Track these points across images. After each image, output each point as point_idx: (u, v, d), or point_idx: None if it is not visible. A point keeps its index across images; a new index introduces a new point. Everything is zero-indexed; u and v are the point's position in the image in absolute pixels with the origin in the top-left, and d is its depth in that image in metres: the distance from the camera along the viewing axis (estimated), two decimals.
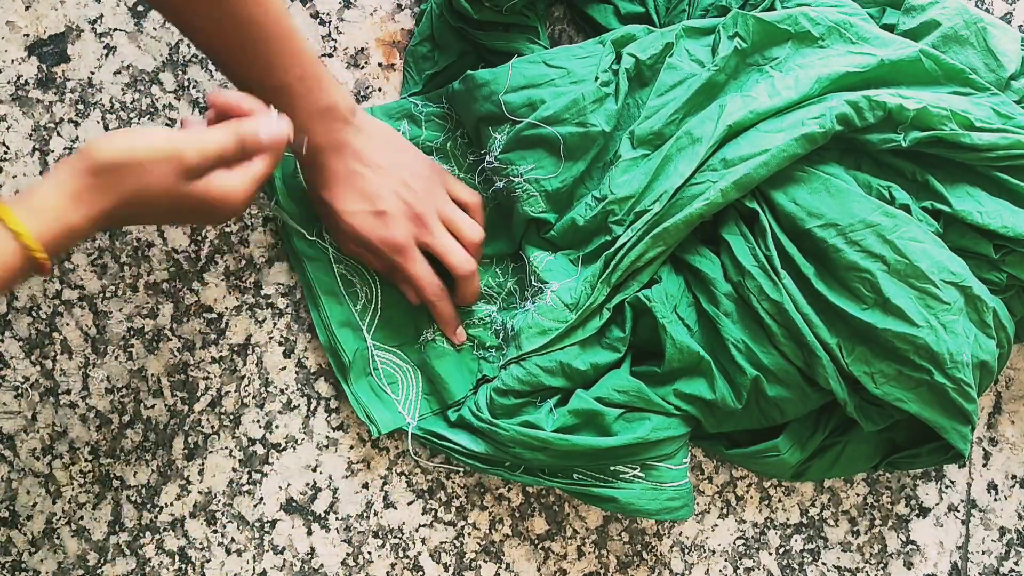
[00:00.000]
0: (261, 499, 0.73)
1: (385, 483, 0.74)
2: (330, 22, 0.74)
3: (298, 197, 0.71)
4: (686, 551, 0.75)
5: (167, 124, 0.73)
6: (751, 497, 0.75)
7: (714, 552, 0.75)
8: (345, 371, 0.71)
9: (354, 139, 0.65)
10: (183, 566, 0.73)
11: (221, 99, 0.58)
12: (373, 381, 0.71)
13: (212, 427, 0.73)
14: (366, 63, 0.75)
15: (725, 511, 0.75)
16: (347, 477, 0.73)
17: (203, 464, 0.73)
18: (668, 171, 0.66)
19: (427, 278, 0.68)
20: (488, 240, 0.72)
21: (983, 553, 0.77)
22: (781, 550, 0.76)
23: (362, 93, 0.74)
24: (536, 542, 0.74)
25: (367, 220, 0.67)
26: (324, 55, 0.74)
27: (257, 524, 0.73)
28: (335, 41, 0.74)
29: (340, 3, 0.74)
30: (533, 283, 0.69)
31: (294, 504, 0.73)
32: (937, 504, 0.77)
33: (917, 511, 0.77)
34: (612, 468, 0.67)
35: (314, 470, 0.73)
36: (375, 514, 0.74)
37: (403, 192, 0.67)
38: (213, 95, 0.59)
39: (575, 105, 0.67)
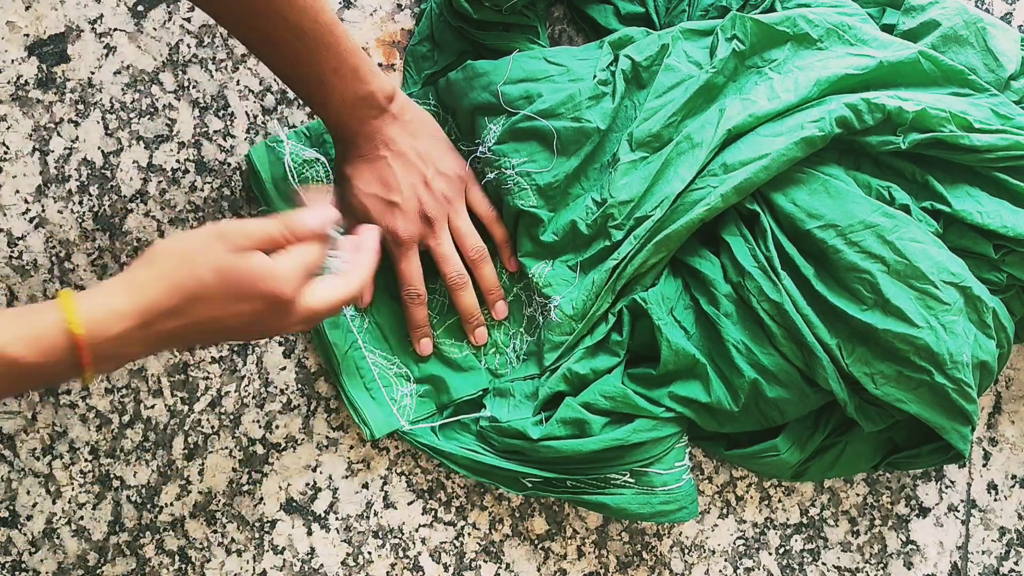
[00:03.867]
0: (261, 499, 0.73)
1: (385, 483, 0.74)
2: None
3: (289, 200, 0.71)
4: (686, 551, 0.75)
5: (167, 124, 0.73)
6: (751, 497, 0.75)
7: (714, 552, 0.75)
8: (338, 373, 0.71)
9: (388, 127, 0.66)
10: (183, 566, 0.73)
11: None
12: (367, 383, 0.71)
13: (212, 427, 0.73)
14: None
15: (725, 511, 0.75)
16: (347, 477, 0.73)
17: (203, 464, 0.73)
18: (668, 176, 0.66)
19: (411, 280, 0.69)
20: (485, 236, 0.72)
21: (983, 553, 0.77)
22: (781, 550, 0.76)
23: None
24: (536, 542, 0.74)
25: (377, 205, 0.67)
26: None
27: (257, 524, 0.73)
28: None
29: (340, 3, 0.74)
30: (537, 299, 0.70)
31: (294, 504, 0.73)
32: (937, 504, 0.77)
33: (917, 511, 0.77)
34: (603, 475, 0.67)
35: (314, 470, 0.73)
36: (375, 514, 0.74)
37: (420, 189, 0.67)
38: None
39: (571, 100, 0.68)
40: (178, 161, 0.73)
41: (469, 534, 0.74)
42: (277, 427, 0.73)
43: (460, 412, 0.71)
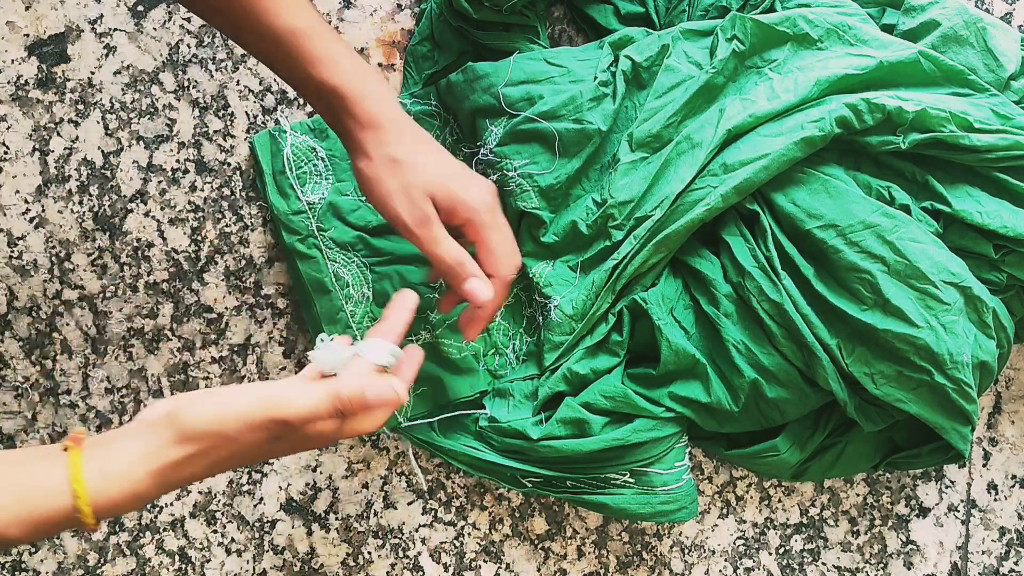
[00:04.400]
0: (261, 499, 0.73)
1: (385, 483, 0.74)
2: (330, 22, 0.74)
3: (288, 194, 0.71)
4: (686, 551, 0.75)
5: (167, 124, 0.73)
6: (751, 497, 0.75)
7: (714, 552, 0.75)
8: None
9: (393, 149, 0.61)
10: (183, 566, 0.73)
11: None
12: None
13: None
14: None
15: (725, 511, 0.75)
16: (347, 477, 0.73)
17: None
18: (668, 176, 0.66)
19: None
20: None
21: (983, 553, 0.77)
22: (781, 550, 0.76)
23: None
24: (536, 542, 0.74)
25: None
26: None
27: (257, 524, 0.73)
28: None
29: (340, 3, 0.74)
30: (538, 299, 0.70)
31: (294, 504, 0.73)
32: (937, 504, 0.77)
33: (917, 511, 0.77)
34: (603, 475, 0.67)
35: (314, 470, 0.73)
36: (375, 514, 0.74)
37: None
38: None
39: (572, 102, 0.68)
40: (178, 161, 0.73)
41: (469, 534, 0.74)
42: None
43: (459, 411, 0.71)
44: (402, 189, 0.59)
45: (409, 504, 0.74)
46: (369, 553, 0.74)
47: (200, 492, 0.73)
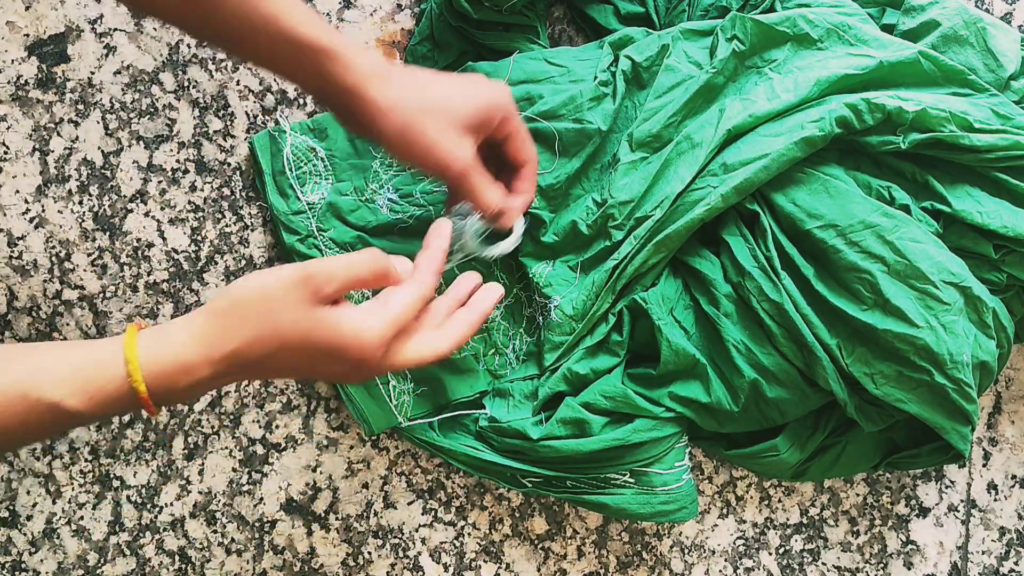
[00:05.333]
0: (261, 499, 0.73)
1: (385, 483, 0.74)
2: (330, 22, 0.74)
3: (288, 195, 0.71)
4: (686, 551, 0.75)
5: (167, 124, 0.73)
6: (751, 497, 0.75)
7: (714, 552, 0.75)
8: None
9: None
10: (183, 566, 0.73)
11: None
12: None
13: (212, 427, 0.73)
14: None
15: (725, 511, 0.75)
16: (347, 477, 0.73)
17: (203, 464, 0.73)
18: (668, 176, 0.66)
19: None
20: None
21: (983, 553, 0.77)
22: (781, 550, 0.76)
23: None
24: (536, 542, 0.74)
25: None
26: None
27: (257, 524, 0.73)
28: None
29: (340, 3, 0.74)
30: (538, 299, 0.70)
31: (294, 504, 0.73)
32: (937, 504, 0.77)
33: (917, 511, 0.77)
34: (603, 475, 0.67)
35: (314, 470, 0.73)
36: (375, 514, 0.74)
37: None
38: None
39: (572, 102, 0.68)
40: (178, 161, 0.73)
41: (469, 534, 0.74)
42: (277, 427, 0.73)
43: (458, 411, 0.71)
44: (439, 133, 0.57)
45: (409, 504, 0.74)
46: (369, 553, 0.74)
47: (200, 492, 0.73)
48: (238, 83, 0.74)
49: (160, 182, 0.73)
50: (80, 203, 0.73)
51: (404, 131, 0.57)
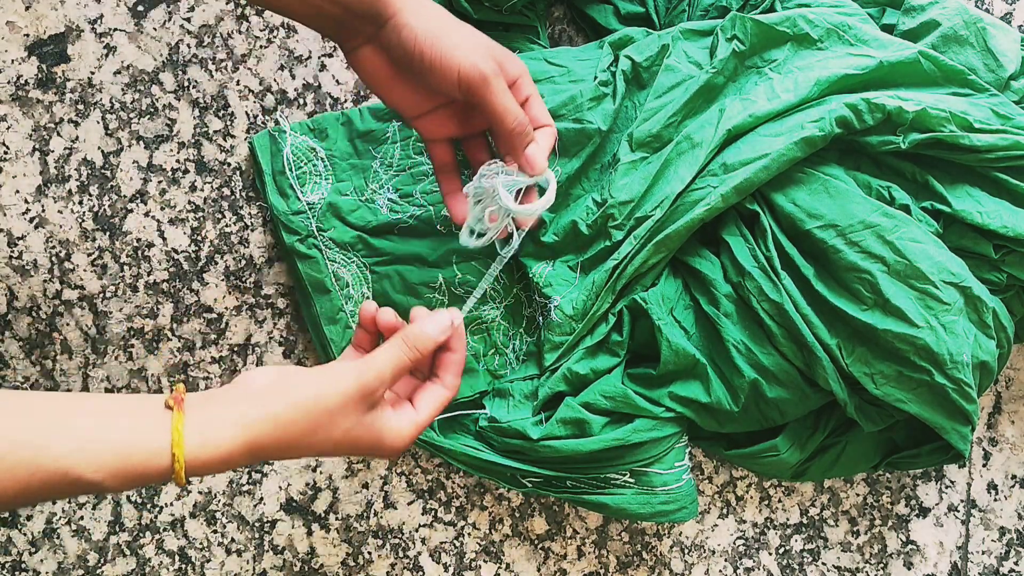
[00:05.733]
0: (261, 499, 0.73)
1: (385, 483, 0.74)
2: None
3: (288, 195, 0.71)
4: (686, 551, 0.75)
5: (167, 124, 0.73)
6: (751, 497, 0.75)
7: (714, 552, 0.75)
8: None
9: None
10: (183, 566, 0.73)
11: (379, 319, 0.57)
12: None
13: None
14: None
15: (725, 511, 0.75)
16: (347, 477, 0.73)
17: None
18: (668, 176, 0.66)
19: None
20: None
21: (983, 553, 0.77)
22: (781, 550, 0.76)
23: (362, 93, 0.74)
24: (536, 542, 0.74)
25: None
26: (324, 55, 0.74)
27: (257, 524, 0.73)
28: None
29: None
30: (538, 299, 0.70)
31: (294, 504, 0.73)
32: (937, 504, 0.77)
33: (917, 511, 0.77)
34: (603, 475, 0.67)
35: (314, 470, 0.73)
36: (375, 514, 0.74)
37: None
38: (365, 312, 0.57)
39: (572, 102, 0.68)
40: (178, 161, 0.73)
41: (469, 534, 0.74)
42: None
43: (458, 411, 0.71)
44: (465, 39, 0.56)
45: (409, 504, 0.74)
46: (369, 553, 0.74)
47: (200, 492, 0.73)
48: (238, 83, 0.74)
49: (160, 182, 0.73)
50: (80, 203, 0.73)
51: (433, 31, 0.55)
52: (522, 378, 0.70)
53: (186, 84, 0.73)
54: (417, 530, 0.74)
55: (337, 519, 0.73)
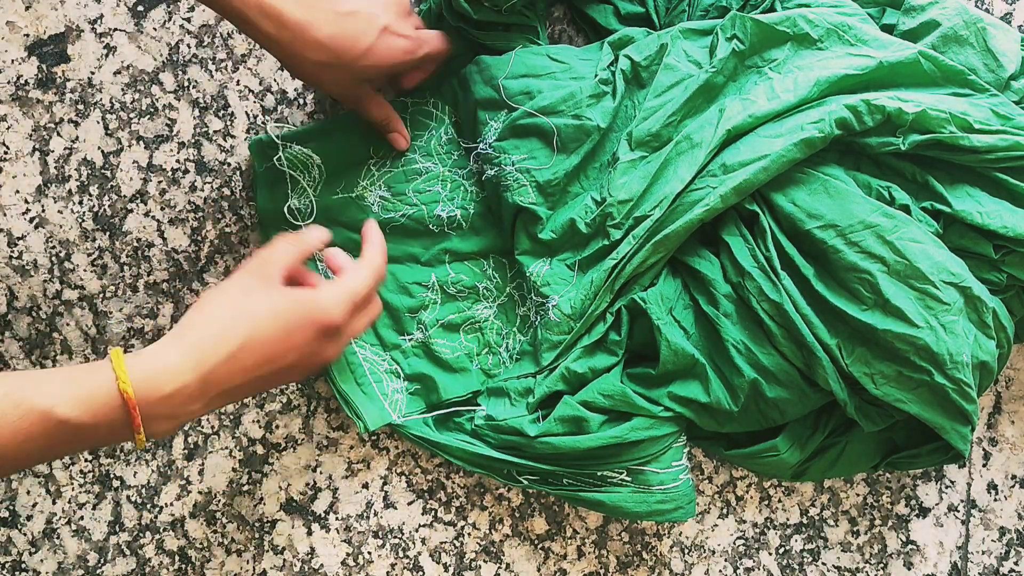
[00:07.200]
0: (261, 499, 0.73)
1: (385, 483, 0.74)
2: None
3: (277, 196, 0.71)
4: (686, 551, 0.75)
5: (167, 124, 0.73)
6: (751, 497, 0.75)
7: (714, 552, 0.75)
8: (329, 369, 0.71)
9: None
10: (183, 566, 0.73)
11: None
12: (358, 378, 0.71)
13: (212, 427, 0.73)
14: None
15: (725, 511, 0.75)
16: (347, 477, 0.74)
17: (203, 464, 0.73)
18: (668, 176, 0.66)
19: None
20: (478, 236, 0.72)
21: (983, 553, 0.77)
22: (781, 550, 0.76)
23: None
24: (536, 542, 0.74)
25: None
26: None
27: (257, 524, 0.73)
28: None
29: None
30: (534, 298, 0.70)
31: (294, 504, 0.73)
32: (937, 504, 0.77)
33: (917, 511, 0.77)
34: (599, 473, 0.67)
35: (314, 470, 0.73)
36: (375, 514, 0.74)
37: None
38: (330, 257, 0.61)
39: (572, 98, 0.68)
40: (178, 161, 0.73)
41: (469, 534, 0.74)
42: (277, 427, 0.73)
43: (453, 408, 0.71)
44: (339, 81, 0.64)
45: (409, 504, 0.74)
46: (369, 553, 0.74)
47: (200, 492, 0.73)
48: (238, 83, 0.74)
49: (160, 182, 0.73)
50: (80, 203, 0.73)
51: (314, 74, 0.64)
52: (517, 376, 0.70)
53: (186, 84, 0.73)
54: (417, 530, 0.74)
55: (337, 519, 0.73)
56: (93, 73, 0.73)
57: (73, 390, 0.48)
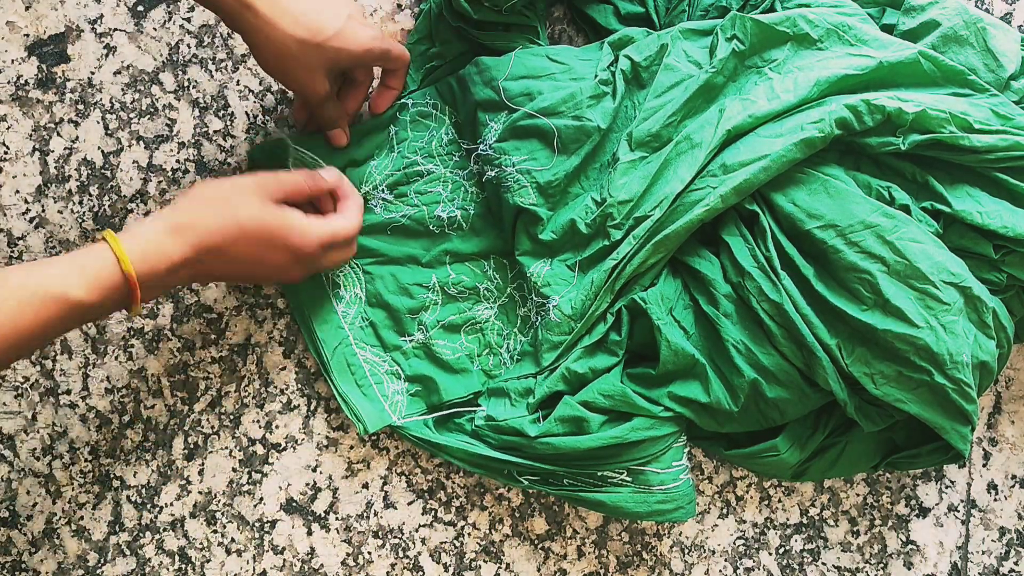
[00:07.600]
0: (261, 499, 0.73)
1: (385, 483, 0.74)
2: None
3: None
4: (686, 551, 0.75)
5: (167, 124, 0.73)
6: (751, 497, 0.75)
7: (714, 552, 0.75)
8: (329, 370, 0.71)
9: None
10: (183, 566, 0.73)
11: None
12: (358, 380, 0.71)
13: (212, 427, 0.73)
14: None
15: (725, 511, 0.75)
16: (347, 477, 0.74)
17: (203, 464, 0.73)
18: (668, 176, 0.66)
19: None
20: (479, 236, 0.72)
21: (983, 553, 0.77)
22: (781, 550, 0.76)
23: None
24: (536, 542, 0.74)
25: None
26: None
27: (257, 524, 0.73)
28: None
29: None
30: (535, 298, 0.70)
31: (294, 504, 0.73)
32: (937, 504, 0.77)
33: (917, 511, 0.77)
34: (600, 473, 0.67)
35: (314, 470, 0.73)
36: (375, 514, 0.74)
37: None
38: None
39: (572, 99, 0.68)
40: (178, 161, 0.73)
41: (469, 534, 0.74)
42: (277, 427, 0.73)
43: (454, 408, 0.71)
44: (310, 65, 0.65)
45: (409, 504, 0.74)
46: (369, 553, 0.74)
47: (200, 492, 0.73)
48: (238, 83, 0.74)
49: (160, 182, 0.73)
50: (80, 203, 0.73)
51: (282, 61, 0.65)
52: (518, 377, 0.70)
53: (186, 84, 0.73)
54: (417, 530, 0.74)
55: (337, 519, 0.73)
56: (93, 73, 0.73)
57: (81, 274, 0.55)
